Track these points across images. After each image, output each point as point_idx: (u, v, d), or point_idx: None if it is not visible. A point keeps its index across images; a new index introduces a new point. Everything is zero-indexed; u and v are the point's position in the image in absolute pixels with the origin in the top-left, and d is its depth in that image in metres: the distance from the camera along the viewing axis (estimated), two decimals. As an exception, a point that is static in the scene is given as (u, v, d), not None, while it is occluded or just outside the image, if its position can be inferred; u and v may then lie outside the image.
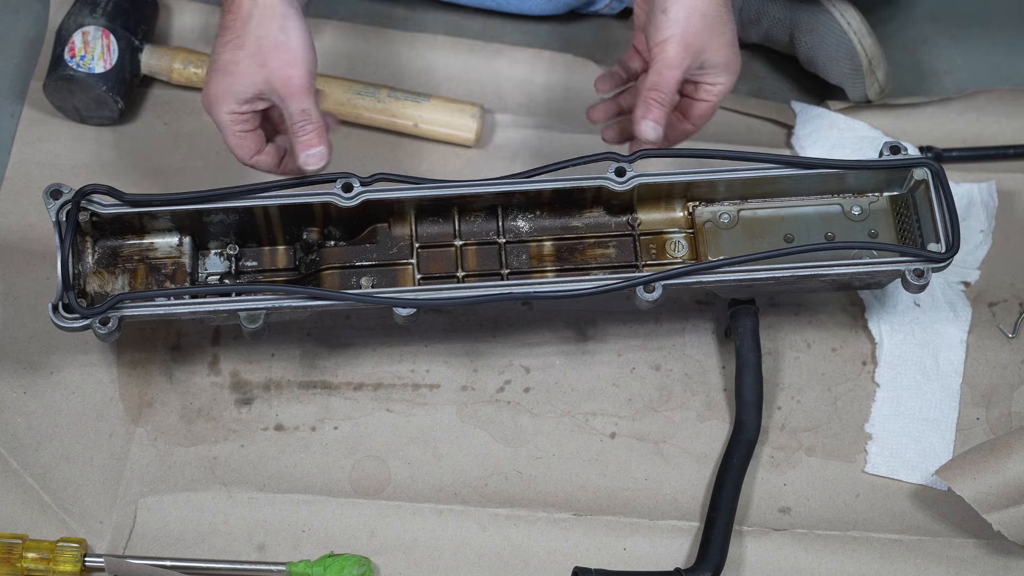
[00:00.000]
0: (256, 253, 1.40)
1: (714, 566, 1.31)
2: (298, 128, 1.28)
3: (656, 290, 1.30)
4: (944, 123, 1.59)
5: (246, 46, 1.26)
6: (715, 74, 1.33)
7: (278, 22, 1.26)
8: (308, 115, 1.28)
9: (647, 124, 1.31)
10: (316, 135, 1.29)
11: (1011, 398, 1.43)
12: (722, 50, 1.31)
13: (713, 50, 1.30)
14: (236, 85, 1.27)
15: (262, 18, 1.26)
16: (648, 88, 1.31)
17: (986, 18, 1.71)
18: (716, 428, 1.41)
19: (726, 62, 1.32)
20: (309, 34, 1.28)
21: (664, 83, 1.30)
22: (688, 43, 1.29)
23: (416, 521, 1.35)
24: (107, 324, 1.27)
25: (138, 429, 1.39)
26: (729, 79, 1.34)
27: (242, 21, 1.27)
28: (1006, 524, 1.29)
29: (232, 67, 1.27)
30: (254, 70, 1.27)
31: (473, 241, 1.39)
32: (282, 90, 1.27)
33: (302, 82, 1.27)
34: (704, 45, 1.30)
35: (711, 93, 1.34)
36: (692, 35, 1.29)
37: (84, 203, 1.31)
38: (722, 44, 1.31)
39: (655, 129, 1.31)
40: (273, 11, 1.26)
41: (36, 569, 1.30)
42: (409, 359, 1.44)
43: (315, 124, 1.29)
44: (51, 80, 1.51)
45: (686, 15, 1.28)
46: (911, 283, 1.32)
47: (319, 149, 1.29)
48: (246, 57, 1.27)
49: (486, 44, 1.62)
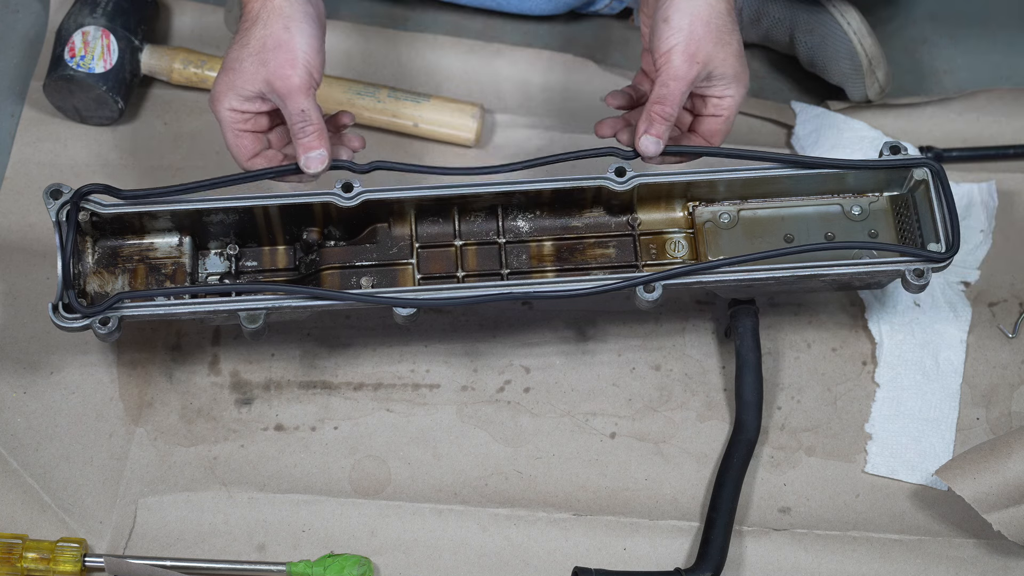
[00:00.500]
0: (256, 253, 1.40)
1: (714, 566, 1.31)
2: (298, 130, 1.28)
3: (656, 290, 1.30)
4: (944, 123, 1.59)
5: (250, 44, 1.27)
6: (723, 86, 1.29)
7: (283, 23, 1.26)
8: (307, 116, 1.27)
9: (648, 139, 1.29)
10: (316, 137, 1.28)
11: (1011, 398, 1.43)
12: (729, 60, 1.28)
13: (720, 60, 1.27)
14: (238, 82, 1.27)
15: (268, 19, 1.27)
16: (652, 101, 1.28)
17: (986, 18, 1.71)
18: (716, 428, 1.41)
19: (734, 73, 1.29)
20: (316, 37, 1.27)
21: (669, 96, 1.27)
22: (693, 52, 1.26)
23: (416, 521, 1.35)
24: (107, 324, 1.27)
25: (138, 429, 1.39)
26: (739, 91, 1.30)
27: (251, 21, 1.27)
28: (1006, 524, 1.29)
29: (236, 64, 1.27)
30: (255, 68, 1.27)
31: (473, 241, 1.39)
32: (281, 90, 1.26)
33: (300, 82, 1.26)
34: (710, 55, 1.26)
35: (720, 107, 1.31)
36: (696, 44, 1.26)
37: (84, 203, 1.31)
38: (729, 54, 1.27)
39: (656, 144, 1.29)
40: (280, 12, 1.26)
41: (36, 569, 1.30)
42: (409, 359, 1.44)
43: (315, 126, 1.28)
44: (51, 80, 1.51)
45: (689, 23, 1.25)
46: (911, 283, 1.32)
47: (319, 152, 1.28)
48: (249, 55, 1.27)
49: (486, 44, 1.62)
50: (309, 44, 1.27)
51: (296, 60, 1.26)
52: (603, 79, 1.59)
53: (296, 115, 1.27)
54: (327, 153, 1.29)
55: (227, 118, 1.29)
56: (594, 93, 1.58)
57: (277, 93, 1.27)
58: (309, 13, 1.28)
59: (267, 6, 1.27)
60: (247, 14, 1.28)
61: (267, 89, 1.27)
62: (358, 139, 1.35)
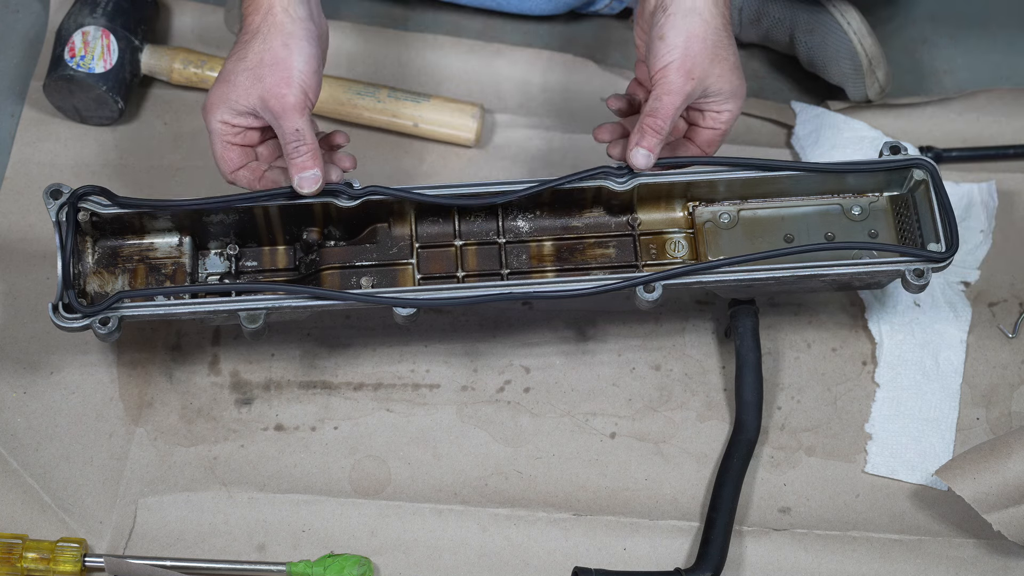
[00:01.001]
0: (256, 253, 1.40)
1: (714, 566, 1.31)
2: (291, 149, 1.27)
3: (656, 290, 1.30)
4: (944, 123, 1.59)
5: (247, 59, 1.26)
6: (720, 101, 1.30)
7: (282, 39, 1.25)
8: (301, 136, 1.26)
9: (639, 152, 1.30)
10: (310, 157, 1.27)
11: (1011, 398, 1.43)
12: (725, 75, 1.28)
13: (716, 76, 1.28)
14: (232, 96, 1.27)
15: (268, 34, 1.26)
16: (645, 114, 1.29)
17: (986, 18, 1.71)
18: (716, 428, 1.41)
19: (731, 89, 1.29)
20: (315, 57, 1.27)
21: (662, 110, 1.28)
22: (688, 69, 1.26)
23: (416, 521, 1.35)
24: (107, 324, 1.27)
25: (138, 429, 1.39)
26: (735, 106, 1.31)
27: (251, 35, 1.26)
28: (1006, 524, 1.29)
29: (232, 77, 1.27)
30: (250, 84, 1.26)
31: (473, 241, 1.39)
32: (275, 108, 1.25)
33: (296, 101, 1.25)
34: (706, 72, 1.27)
35: (718, 121, 1.32)
36: (692, 61, 1.26)
37: (84, 203, 1.31)
38: (725, 70, 1.28)
39: (647, 157, 1.30)
40: (281, 28, 1.25)
41: (36, 569, 1.30)
42: (409, 359, 1.44)
43: (309, 146, 1.27)
44: (51, 80, 1.51)
45: (685, 41, 1.26)
46: (911, 283, 1.32)
47: (313, 172, 1.28)
48: (245, 70, 1.26)
49: (486, 44, 1.62)
50: (307, 64, 1.26)
51: (292, 79, 1.25)
52: (603, 79, 1.59)
53: (290, 135, 1.26)
54: (321, 173, 1.28)
55: (218, 129, 1.29)
56: (594, 93, 1.58)
57: (271, 111, 1.26)
58: (311, 32, 1.27)
59: (268, 20, 1.26)
60: (247, 27, 1.27)
61: (261, 106, 1.26)
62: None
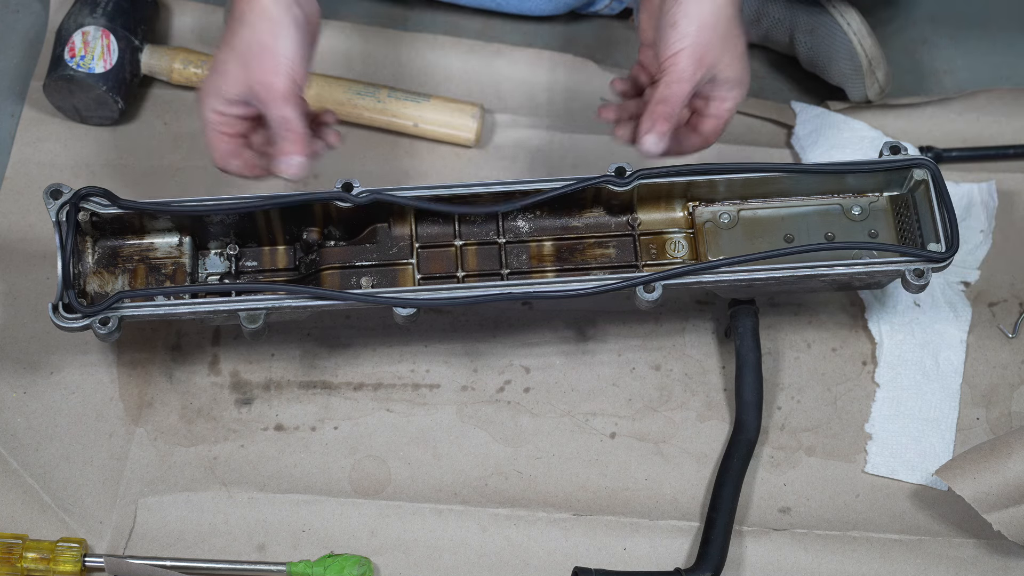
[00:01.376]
0: (256, 253, 1.40)
1: (714, 566, 1.31)
2: (279, 136, 1.28)
3: (656, 290, 1.30)
4: (944, 123, 1.59)
5: (235, 47, 1.26)
6: (727, 88, 1.31)
7: (268, 26, 1.25)
8: (288, 123, 1.27)
9: (651, 138, 1.29)
10: (295, 143, 1.27)
11: (1011, 398, 1.43)
12: (734, 64, 1.30)
13: (725, 64, 1.29)
14: (223, 84, 1.27)
15: (255, 21, 1.26)
16: (656, 101, 1.29)
17: (986, 18, 1.71)
18: (716, 428, 1.41)
19: (738, 77, 1.31)
20: (302, 43, 1.27)
21: (673, 96, 1.28)
22: (700, 56, 1.27)
23: (416, 521, 1.35)
24: (107, 324, 1.28)
25: (138, 429, 1.39)
26: (740, 93, 1.32)
27: (237, 20, 1.27)
28: (1006, 524, 1.29)
29: (222, 66, 1.27)
30: (238, 72, 1.26)
31: (473, 241, 1.39)
32: (263, 96, 1.26)
33: (284, 89, 1.26)
34: (716, 59, 1.28)
35: (722, 108, 1.33)
36: (704, 48, 1.27)
37: (84, 203, 1.31)
38: (733, 58, 1.29)
39: (658, 143, 1.30)
40: (267, 15, 1.25)
41: (36, 569, 1.30)
42: (409, 359, 1.44)
43: (296, 133, 1.27)
44: (51, 80, 1.51)
45: (697, 29, 1.27)
46: (911, 283, 1.32)
47: (297, 158, 1.28)
48: (234, 59, 1.26)
49: (486, 44, 1.62)
50: (294, 50, 1.26)
51: (279, 67, 1.25)
52: (603, 79, 1.59)
53: (278, 121, 1.27)
54: (305, 160, 1.28)
55: (211, 119, 1.29)
56: (594, 93, 1.58)
57: (259, 99, 1.26)
58: (297, 17, 1.26)
59: (253, 7, 1.26)
60: (233, 12, 1.27)
61: (249, 94, 1.27)
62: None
